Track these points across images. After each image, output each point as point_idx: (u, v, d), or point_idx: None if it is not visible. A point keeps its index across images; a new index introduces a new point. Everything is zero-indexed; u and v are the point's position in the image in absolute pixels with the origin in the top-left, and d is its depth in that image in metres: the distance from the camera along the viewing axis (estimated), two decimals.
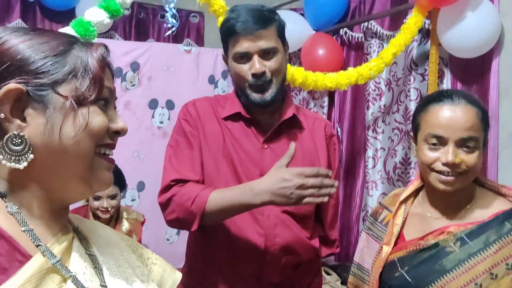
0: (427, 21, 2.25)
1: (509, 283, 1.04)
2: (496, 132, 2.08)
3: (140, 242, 2.43)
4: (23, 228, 0.62)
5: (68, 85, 0.64)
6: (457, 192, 1.13)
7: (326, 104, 2.85)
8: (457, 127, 1.10)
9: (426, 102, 1.20)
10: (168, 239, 3.04)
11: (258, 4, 1.39)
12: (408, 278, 1.13)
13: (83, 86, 0.65)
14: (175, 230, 3.02)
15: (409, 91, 2.38)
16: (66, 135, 0.63)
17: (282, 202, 1.18)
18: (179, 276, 0.86)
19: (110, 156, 0.71)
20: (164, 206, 1.35)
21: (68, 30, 1.74)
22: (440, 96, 1.17)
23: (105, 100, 0.69)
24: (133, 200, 2.97)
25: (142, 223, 2.49)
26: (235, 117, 1.41)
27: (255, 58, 1.31)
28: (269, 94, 1.34)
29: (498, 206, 1.13)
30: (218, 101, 1.47)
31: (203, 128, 1.40)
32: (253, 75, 1.32)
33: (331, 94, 2.84)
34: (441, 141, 1.12)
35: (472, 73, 2.18)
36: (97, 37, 2.65)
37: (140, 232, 2.47)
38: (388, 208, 1.28)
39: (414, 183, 1.26)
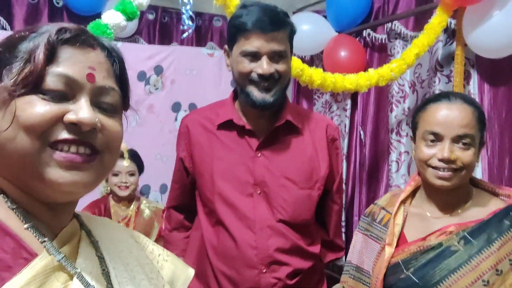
0: (453, 21, 2.18)
1: None
2: None
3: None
4: (26, 226, 0.61)
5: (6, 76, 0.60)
6: (455, 190, 1.17)
7: (349, 107, 2.80)
8: (453, 124, 1.15)
9: (424, 102, 1.26)
10: None
11: (270, 4, 1.36)
12: (415, 279, 1.14)
13: (15, 75, 0.59)
14: None
15: (434, 93, 2.31)
16: None
17: None
18: (191, 272, 0.84)
19: (68, 153, 0.61)
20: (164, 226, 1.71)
21: None
22: (438, 97, 1.23)
23: (54, 90, 0.61)
24: (156, 202, 3.00)
25: (163, 210, 2.50)
26: (228, 126, 1.40)
27: (264, 59, 1.29)
28: (272, 95, 1.31)
29: (494, 205, 1.19)
30: (212, 109, 1.47)
31: (196, 142, 1.43)
32: (260, 75, 1.29)
33: (354, 96, 2.79)
34: (438, 138, 1.16)
35: (500, 74, 2.09)
36: (122, 41, 2.71)
37: (162, 220, 2.48)
38: (385, 209, 1.30)
39: (411, 184, 1.29)
